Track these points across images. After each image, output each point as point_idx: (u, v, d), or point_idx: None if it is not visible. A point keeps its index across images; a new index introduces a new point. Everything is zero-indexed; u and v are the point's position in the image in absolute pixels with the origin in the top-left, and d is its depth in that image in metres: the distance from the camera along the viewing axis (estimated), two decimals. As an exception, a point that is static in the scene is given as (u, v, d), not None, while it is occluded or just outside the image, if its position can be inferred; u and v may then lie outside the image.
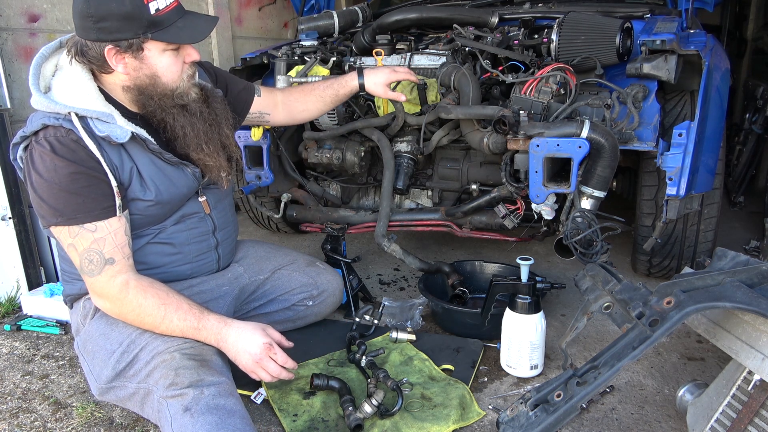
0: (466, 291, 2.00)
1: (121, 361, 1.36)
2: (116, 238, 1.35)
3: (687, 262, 2.18)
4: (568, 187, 1.74)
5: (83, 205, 1.30)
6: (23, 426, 1.52)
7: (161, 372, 1.28)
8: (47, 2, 2.67)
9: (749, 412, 1.18)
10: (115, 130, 1.33)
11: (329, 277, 1.89)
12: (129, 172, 1.38)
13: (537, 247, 2.80)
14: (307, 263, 1.89)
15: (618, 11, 2.23)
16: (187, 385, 1.23)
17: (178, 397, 1.22)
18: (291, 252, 1.93)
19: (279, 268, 1.83)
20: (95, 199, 1.31)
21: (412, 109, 2.20)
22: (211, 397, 1.22)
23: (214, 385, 1.25)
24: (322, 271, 1.89)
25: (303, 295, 1.83)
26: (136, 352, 1.35)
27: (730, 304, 1.14)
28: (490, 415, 1.51)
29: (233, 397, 1.27)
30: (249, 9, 3.99)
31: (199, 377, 1.26)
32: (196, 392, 1.22)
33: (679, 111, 1.99)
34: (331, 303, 1.91)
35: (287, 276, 1.82)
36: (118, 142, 1.33)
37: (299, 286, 1.83)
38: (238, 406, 1.26)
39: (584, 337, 1.92)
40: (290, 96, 1.92)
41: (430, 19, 2.32)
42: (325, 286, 1.86)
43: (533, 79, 1.85)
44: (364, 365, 1.67)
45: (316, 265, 1.91)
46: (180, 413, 1.20)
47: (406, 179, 2.16)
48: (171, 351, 1.32)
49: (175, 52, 1.37)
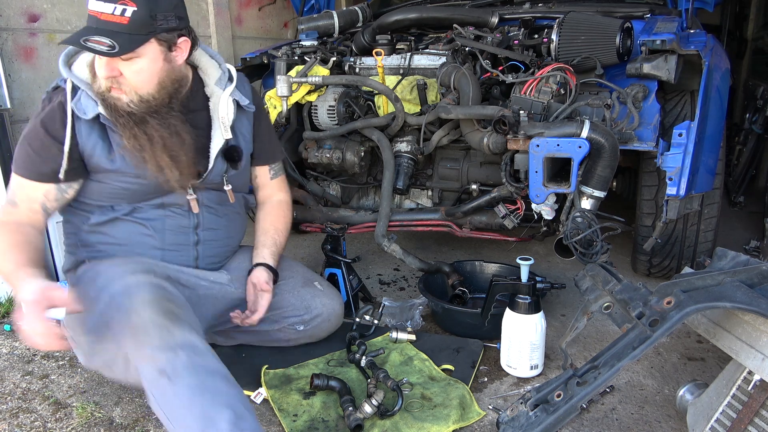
0: (466, 291, 2.00)
1: (93, 319, 1.31)
2: (35, 196, 1.46)
3: (687, 262, 2.18)
4: (568, 187, 1.74)
5: (30, 163, 1.44)
6: (23, 426, 1.52)
7: (131, 330, 1.21)
8: (47, 2, 2.67)
9: (749, 412, 1.18)
10: (86, 104, 1.41)
11: (325, 301, 1.74)
12: (93, 145, 1.44)
13: (537, 247, 2.80)
14: (303, 282, 1.76)
15: (618, 11, 2.23)
16: (160, 345, 1.17)
17: (151, 360, 1.16)
18: (291, 265, 1.83)
19: None
20: (42, 162, 1.43)
21: (412, 109, 2.20)
22: (186, 357, 1.16)
23: (188, 344, 1.19)
24: (319, 293, 1.75)
25: (293, 319, 1.72)
26: (103, 308, 1.29)
27: (730, 304, 1.14)
28: (490, 415, 1.50)
29: (210, 354, 1.22)
30: (249, 9, 3.99)
31: (171, 335, 1.19)
32: (169, 354, 1.16)
33: (679, 111, 1.99)
34: (326, 328, 1.78)
35: (278, 294, 1.69)
36: (84, 117, 1.41)
37: (289, 307, 1.71)
38: (217, 364, 1.21)
39: (584, 337, 1.92)
40: (264, 206, 1.84)
41: (430, 19, 2.32)
42: (319, 311, 1.73)
43: (533, 79, 1.85)
44: (364, 365, 1.67)
45: (313, 285, 1.77)
46: (156, 378, 1.15)
47: (406, 179, 2.16)
48: (138, 307, 1.23)
49: (99, 57, 1.37)
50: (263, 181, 1.82)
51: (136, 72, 1.36)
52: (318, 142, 2.29)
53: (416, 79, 2.15)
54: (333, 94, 2.22)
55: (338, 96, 2.21)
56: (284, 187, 1.87)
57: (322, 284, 1.82)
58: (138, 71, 1.36)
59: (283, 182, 1.87)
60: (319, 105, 2.24)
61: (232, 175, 1.63)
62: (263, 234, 1.77)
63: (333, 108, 2.21)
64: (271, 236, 1.76)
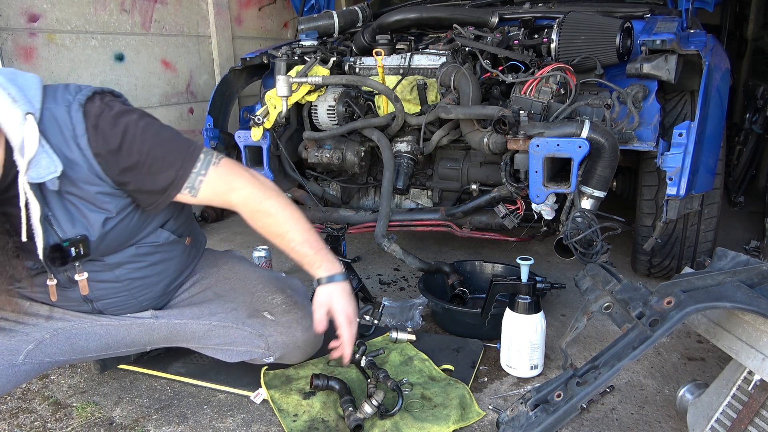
0: (466, 291, 2.00)
1: None
2: None
3: (687, 262, 2.18)
4: (568, 187, 1.74)
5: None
6: (23, 426, 1.52)
7: None
8: (47, 2, 2.67)
9: (749, 412, 1.18)
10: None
11: (280, 330, 1.53)
12: None
13: (537, 247, 2.80)
14: (249, 314, 1.52)
15: (618, 11, 2.23)
16: None
17: None
18: (233, 288, 1.58)
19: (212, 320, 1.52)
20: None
21: (412, 109, 2.20)
22: None
23: None
24: (269, 324, 1.52)
25: (258, 352, 1.54)
26: None
27: (731, 304, 1.14)
28: (490, 415, 1.50)
29: None
30: (249, 9, 3.99)
31: None
32: None
33: (679, 111, 1.99)
34: (299, 355, 1.61)
35: (222, 330, 1.52)
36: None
37: (241, 341, 1.53)
38: None
39: (584, 337, 1.92)
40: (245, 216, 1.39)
41: (430, 19, 2.32)
42: (276, 344, 1.53)
43: (533, 79, 1.85)
44: (364, 365, 1.67)
45: (261, 316, 1.52)
46: None
47: (406, 179, 2.16)
48: None
49: None
50: (191, 203, 1.37)
51: None
52: (318, 142, 2.29)
53: (416, 79, 2.15)
54: (333, 94, 2.22)
55: (338, 96, 2.21)
56: (228, 184, 1.33)
57: (275, 312, 1.54)
58: None
59: (219, 179, 1.32)
60: (319, 105, 2.24)
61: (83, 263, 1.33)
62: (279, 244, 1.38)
63: (333, 108, 2.21)
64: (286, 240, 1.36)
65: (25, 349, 1.37)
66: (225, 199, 1.34)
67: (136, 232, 1.38)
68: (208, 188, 1.31)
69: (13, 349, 1.36)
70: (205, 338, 1.54)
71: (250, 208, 1.34)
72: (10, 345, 1.36)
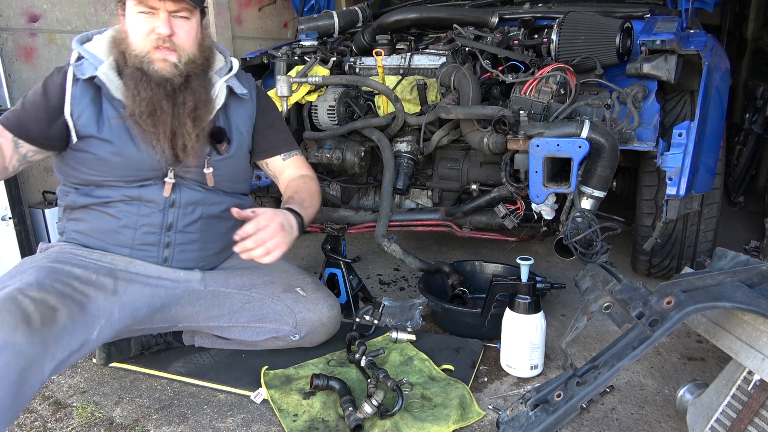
0: (466, 291, 2.00)
1: None
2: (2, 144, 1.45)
3: (687, 262, 2.18)
4: (568, 187, 1.74)
5: (16, 116, 1.48)
6: (23, 426, 1.52)
7: None
8: (47, 2, 2.67)
9: (749, 412, 1.18)
10: (86, 67, 1.48)
11: (309, 306, 1.69)
12: (83, 108, 1.47)
13: (537, 247, 2.80)
14: (284, 288, 1.71)
15: (618, 11, 2.23)
16: None
17: None
18: (272, 270, 1.74)
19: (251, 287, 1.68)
20: (27, 116, 1.47)
21: (412, 109, 2.20)
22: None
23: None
24: (301, 299, 1.69)
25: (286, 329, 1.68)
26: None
27: (730, 304, 1.14)
28: (490, 415, 1.51)
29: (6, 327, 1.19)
30: (249, 9, 3.99)
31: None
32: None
33: (679, 111, 1.99)
34: (321, 333, 1.73)
35: (258, 302, 1.67)
36: (82, 77, 1.46)
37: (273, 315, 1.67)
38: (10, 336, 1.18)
39: (584, 337, 1.92)
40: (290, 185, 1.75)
41: (430, 19, 2.32)
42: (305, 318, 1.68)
43: (533, 79, 1.85)
44: (364, 365, 1.67)
45: (294, 291, 1.71)
46: None
47: (406, 179, 2.16)
48: None
49: (147, 16, 1.43)
50: (278, 167, 1.78)
51: (187, 31, 1.47)
52: (318, 142, 2.29)
53: (416, 79, 2.15)
54: (333, 94, 2.22)
55: (338, 96, 2.21)
56: (304, 165, 1.81)
57: (306, 288, 1.73)
58: (189, 30, 1.47)
59: (301, 161, 1.81)
60: (319, 105, 2.24)
61: (216, 159, 1.60)
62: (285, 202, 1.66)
63: (333, 108, 2.21)
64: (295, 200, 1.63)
65: (98, 325, 1.43)
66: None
67: (244, 175, 1.74)
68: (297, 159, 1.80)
69: (89, 324, 1.40)
70: (239, 312, 1.67)
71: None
72: (85, 320, 1.39)
